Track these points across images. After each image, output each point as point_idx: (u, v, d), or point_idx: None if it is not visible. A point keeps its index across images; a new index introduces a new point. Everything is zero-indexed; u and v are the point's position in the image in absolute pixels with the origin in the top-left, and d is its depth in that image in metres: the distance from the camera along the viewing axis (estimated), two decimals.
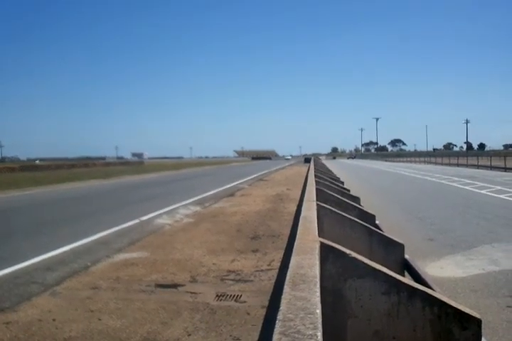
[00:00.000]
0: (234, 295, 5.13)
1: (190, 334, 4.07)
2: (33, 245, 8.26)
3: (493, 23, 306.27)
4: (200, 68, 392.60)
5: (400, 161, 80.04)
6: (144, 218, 11.42)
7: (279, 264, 6.43)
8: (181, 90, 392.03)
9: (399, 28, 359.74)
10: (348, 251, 2.46)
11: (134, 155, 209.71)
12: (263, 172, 40.56)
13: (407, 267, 4.11)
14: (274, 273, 6.01)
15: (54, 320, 4.52)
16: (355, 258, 2.41)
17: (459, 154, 69.19)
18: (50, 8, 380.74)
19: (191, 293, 5.27)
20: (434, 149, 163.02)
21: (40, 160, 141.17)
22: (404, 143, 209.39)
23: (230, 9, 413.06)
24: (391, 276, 2.34)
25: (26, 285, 5.75)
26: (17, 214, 13.81)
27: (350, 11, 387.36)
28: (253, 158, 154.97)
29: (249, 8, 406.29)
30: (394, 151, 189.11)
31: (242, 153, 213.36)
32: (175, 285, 5.58)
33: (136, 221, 10.97)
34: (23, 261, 6.88)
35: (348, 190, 10.02)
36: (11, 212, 14.28)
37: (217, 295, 5.15)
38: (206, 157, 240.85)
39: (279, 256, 6.95)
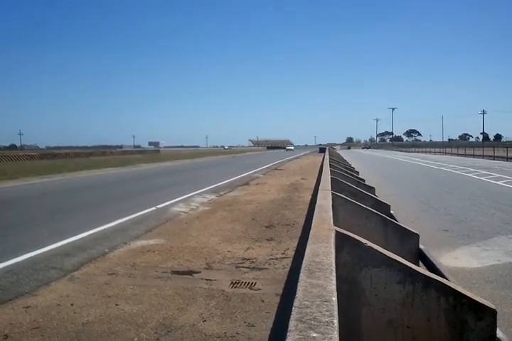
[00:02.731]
0: (248, 283, 5.18)
1: (205, 320, 4.13)
2: (52, 231, 8.39)
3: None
4: (217, 58, 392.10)
5: (415, 152, 79.19)
6: (160, 206, 11.52)
7: (293, 253, 6.47)
8: (198, 80, 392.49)
9: (417, 22, 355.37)
10: (363, 240, 2.47)
11: (150, 143, 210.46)
12: (278, 161, 40.52)
13: (421, 257, 4.10)
14: (289, 261, 6.05)
15: (72, 304, 4.61)
16: (370, 248, 2.42)
17: (474, 145, 68.33)
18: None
19: (206, 279, 5.33)
20: (449, 140, 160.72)
21: (59, 148, 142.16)
22: (419, 134, 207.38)
23: (247, 3, 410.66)
24: (406, 266, 2.34)
25: (45, 271, 5.85)
26: (36, 201, 14.01)
27: (368, 8, 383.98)
28: (268, 148, 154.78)
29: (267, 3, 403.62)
30: (409, 142, 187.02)
31: (257, 143, 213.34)
32: (190, 272, 5.65)
33: (153, 208, 11.07)
34: (42, 247, 7.00)
35: (363, 180, 9.98)
36: (31, 199, 14.49)
37: (232, 283, 5.20)
38: (222, 146, 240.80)
39: (293, 244, 6.98)
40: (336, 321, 1.28)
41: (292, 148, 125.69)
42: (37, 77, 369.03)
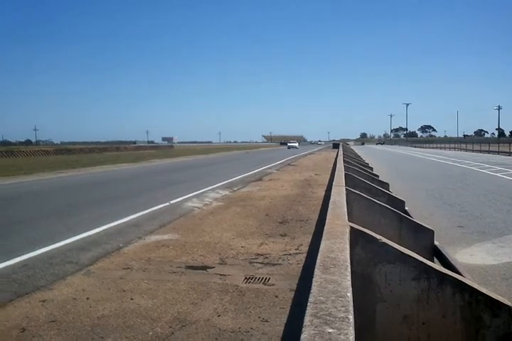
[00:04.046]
0: (262, 278, 5.19)
1: (219, 315, 4.15)
2: (67, 226, 8.46)
3: None
4: (229, 54, 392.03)
5: (429, 147, 78.56)
6: (174, 201, 11.56)
7: (307, 248, 6.46)
8: (211, 75, 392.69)
9: (431, 20, 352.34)
10: (378, 236, 2.46)
11: (164, 139, 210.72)
12: (291, 157, 40.45)
13: (436, 253, 4.08)
14: (303, 257, 6.05)
15: (88, 298, 4.66)
16: (385, 244, 2.41)
17: (490, 141, 67.56)
18: None
19: (220, 275, 5.36)
20: (464, 135, 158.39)
21: (74, 143, 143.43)
22: (434, 129, 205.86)
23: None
24: (421, 262, 2.33)
25: (61, 265, 5.92)
26: (51, 196, 14.14)
27: (381, 5, 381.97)
28: (281, 143, 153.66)
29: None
30: (423, 137, 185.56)
31: (270, 138, 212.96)
32: (204, 267, 5.68)
33: (167, 204, 11.12)
34: (58, 242, 7.07)
35: (377, 176, 9.93)
36: (46, 194, 14.64)
37: (245, 278, 5.22)
38: (235, 142, 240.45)
39: (307, 240, 6.98)
40: (351, 317, 1.28)
41: (296, 145, 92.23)
42: (51, 73, 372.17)
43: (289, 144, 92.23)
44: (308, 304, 1.38)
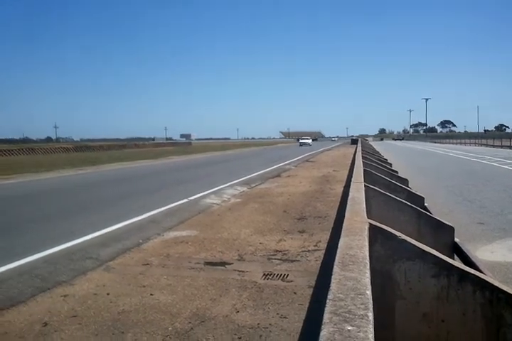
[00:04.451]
0: (281, 275, 5.20)
1: (238, 311, 4.17)
2: (86, 223, 8.55)
3: None
4: (248, 51, 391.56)
5: (449, 143, 77.62)
6: (192, 198, 11.61)
7: (325, 245, 6.45)
8: (228, 73, 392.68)
9: (450, 13, 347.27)
10: (397, 233, 2.45)
11: (182, 136, 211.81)
12: (309, 153, 40.30)
13: (456, 250, 4.04)
14: (321, 253, 6.04)
15: (108, 294, 4.72)
16: (404, 240, 2.39)
17: (511, 136, 66.46)
18: None
19: (239, 271, 5.38)
20: (485, 131, 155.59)
21: (93, 140, 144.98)
22: (454, 125, 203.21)
23: None
24: (441, 259, 2.31)
25: (82, 261, 6.00)
26: (72, 192, 14.31)
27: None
28: (298, 139, 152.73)
29: None
30: (443, 133, 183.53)
31: (288, 134, 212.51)
32: (223, 263, 5.71)
33: (185, 200, 11.18)
34: (78, 238, 7.16)
35: (396, 172, 9.85)
36: (65, 191, 14.82)
37: (264, 274, 5.23)
38: (252, 138, 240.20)
39: (325, 237, 6.96)
40: (370, 314, 1.28)
41: (309, 141, 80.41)
42: (71, 71, 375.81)
43: (300, 141, 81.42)
44: (328, 301, 1.38)
